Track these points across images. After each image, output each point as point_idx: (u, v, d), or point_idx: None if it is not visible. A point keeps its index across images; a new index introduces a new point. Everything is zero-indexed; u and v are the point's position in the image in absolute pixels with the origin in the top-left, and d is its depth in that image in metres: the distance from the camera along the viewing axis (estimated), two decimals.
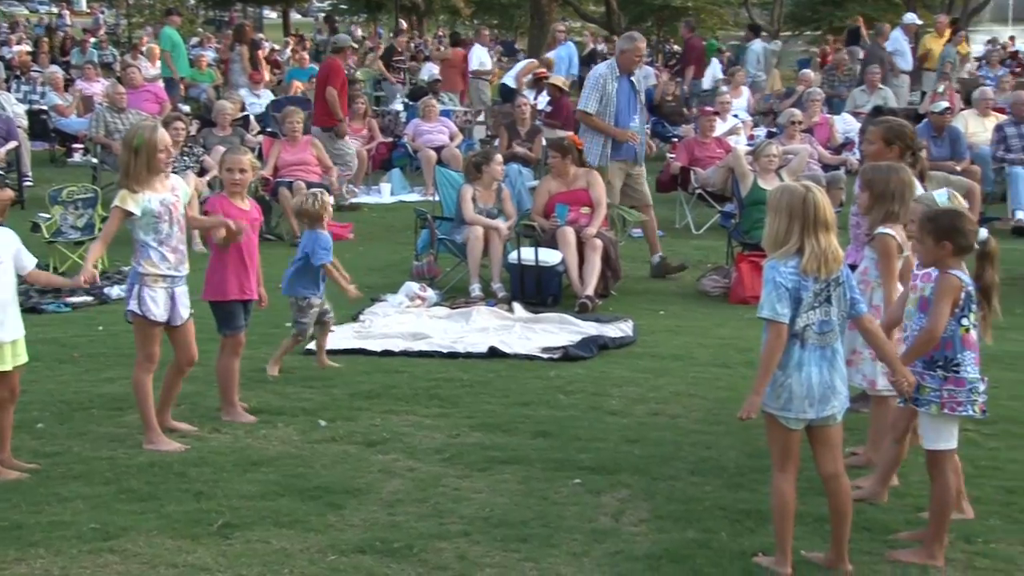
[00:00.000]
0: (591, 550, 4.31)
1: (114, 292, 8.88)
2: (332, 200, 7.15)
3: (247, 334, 6.04)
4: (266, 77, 18.85)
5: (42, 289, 8.37)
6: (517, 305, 8.41)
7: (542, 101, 15.97)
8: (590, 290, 8.59)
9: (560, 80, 15.67)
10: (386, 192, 14.58)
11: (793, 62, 29.83)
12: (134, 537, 4.38)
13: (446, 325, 7.96)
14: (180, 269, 5.46)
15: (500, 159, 9.61)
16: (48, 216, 10.02)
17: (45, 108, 16.88)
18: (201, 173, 11.37)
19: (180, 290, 5.48)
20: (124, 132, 12.55)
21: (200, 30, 34.17)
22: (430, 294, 8.71)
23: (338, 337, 7.41)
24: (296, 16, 46.82)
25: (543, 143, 13.08)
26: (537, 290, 8.75)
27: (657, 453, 5.36)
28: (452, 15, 44.69)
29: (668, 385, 6.51)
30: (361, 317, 8.10)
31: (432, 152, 14.39)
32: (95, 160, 13.26)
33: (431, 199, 12.85)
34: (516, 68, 18.89)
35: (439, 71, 19.89)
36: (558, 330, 7.78)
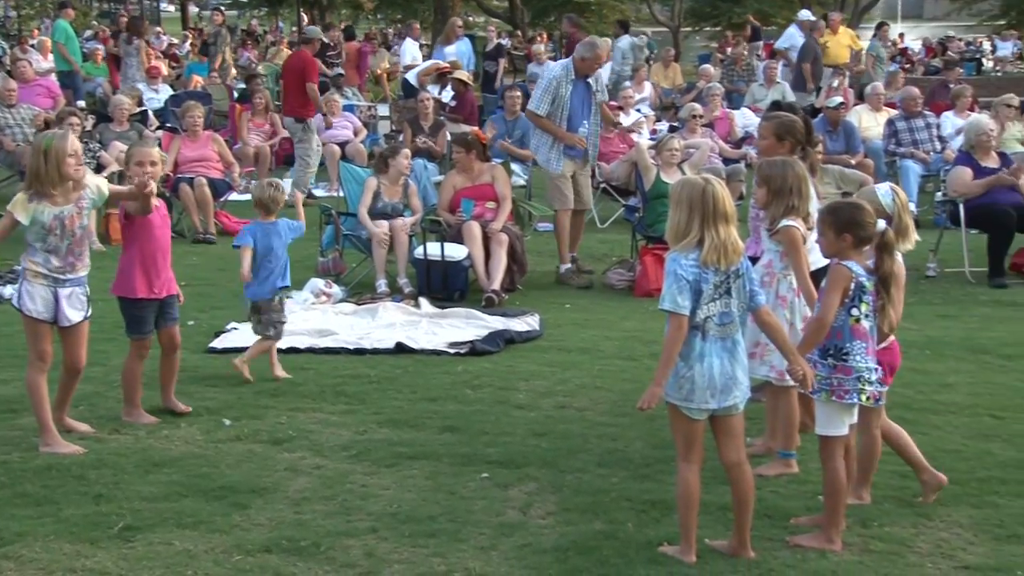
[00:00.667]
0: (499, 544, 4.33)
1: (7, 291, 8.62)
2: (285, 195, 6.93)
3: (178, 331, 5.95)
4: (164, 71, 18.48)
5: None
6: (424, 300, 8.39)
7: (447, 95, 15.95)
8: (496, 284, 8.61)
9: (465, 75, 15.67)
10: (289, 188, 14.39)
11: (694, 57, 30.32)
12: (30, 543, 4.27)
13: (352, 321, 7.91)
14: (67, 273, 5.30)
15: (407, 153, 9.58)
16: None
17: None
18: (98, 170, 11.10)
19: (67, 292, 5.32)
20: (14, 128, 12.45)
21: (95, 23, 33.31)
22: (336, 290, 8.64)
23: (242, 335, 7.31)
24: (195, 9, 45.95)
25: (447, 138, 13.07)
26: (443, 285, 8.74)
27: (564, 446, 5.40)
28: (355, 9, 44.31)
29: (575, 378, 6.56)
30: None
31: (336, 147, 14.28)
32: None
33: (336, 195, 12.75)
34: (419, 67, 18.83)
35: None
36: (465, 325, 7.79)
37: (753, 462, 4.56)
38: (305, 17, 31.86)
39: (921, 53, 27.49)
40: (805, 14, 19.70)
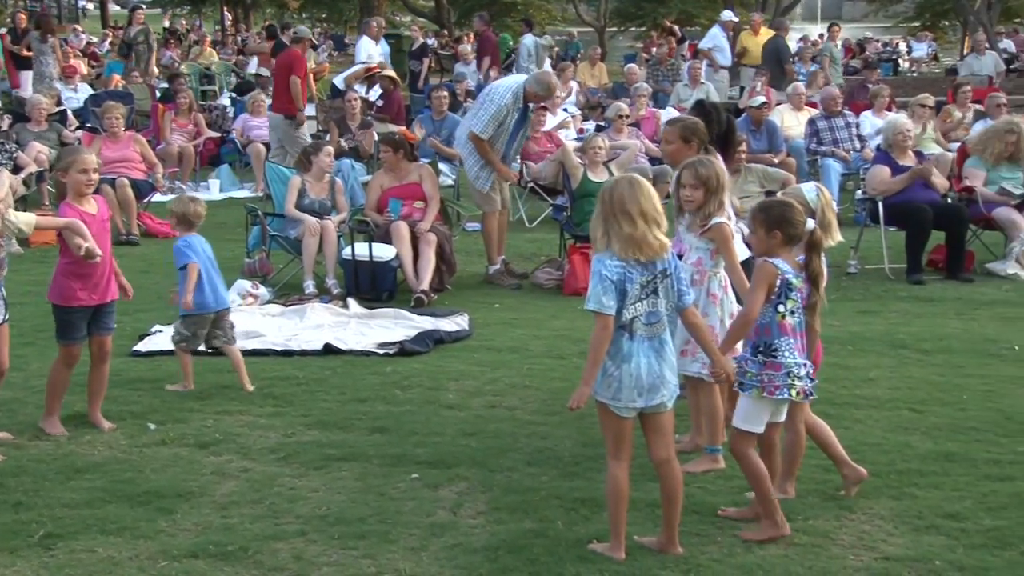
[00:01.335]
0: (429, 544, 4.32)
1: None
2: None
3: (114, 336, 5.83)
4: (83, 70, 18.12)
5: None
6: (352, 301, 8.34)
7: (374, 94, 15.87)
8: (425, 284, 8.59)
9: (393, 72, 15.60)
10: (215, 189, 14.23)
11: (620, 57, 30.55)
12: None
13: (280, 323, 7.84)
14: None
15: (330, 151, 9.54)
16: None
17: None
18: (15, 171, 10.87)
19: None
20: None
21: (9, 20, 32.56)
22: (262, 292, 8.56)
23: (166, 338, 7.20)
24: (115, 7, 45.16)
25: (375, 137, 13.02)
26: (372, 286, 8.70)
27: (494, 445, 5.41)
28: (279, 8, 43.91)
29: (504, 377, 6.57)
30: None
31: (262, 147, 14.13)
32: None
33: (261, 195, 12.62)
34: (347, 71, 18.71)
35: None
36: (394, 325, 7.76)
37: (681, 459, 4.61)
38: (229, 16, 31.45)
39: (840, 54, 27.93)
40: (727, 14, 19.99)
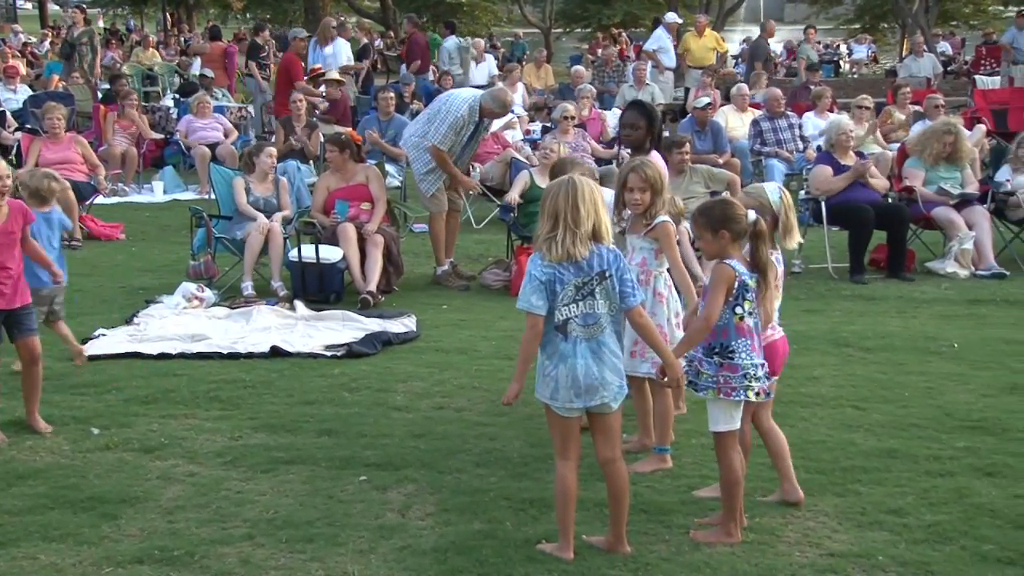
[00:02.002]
0: (378, 546, 4.31)
1: None
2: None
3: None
4: (22, 71, 17.83)
5: None
6: (299, 303, 8.29)
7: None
8: (372, 286, 8.57)
9: (335, 74, 15.51)
10: (159, 191, 14.09)
11: (565, 58, 30.66)
12: None
13: (226, 325, 7.78)
14: None
15: (272, 151, 9.51)
16: None
17: None
18: None
19: None
20: None
21: None
22: (208, 294, 8.48)
23: (111, 341, 7.13)
24: (54, 7, 44.45)
25: (320, 139, 12.95)
26: (319, 287, 8.66)
27: (443, 447, 5.41)
28: (223, 9, 43.51)
29: (452, 379, 6.57)
30: (135, 320, 7.80)
31: (206, 149, 14.01)
32: None
33: (206, 197, 12.51)
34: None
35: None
36: (341, 327, 7.73)
37: (629, 459, 4.64)
38: (169, 17, 31.12)
39: (783, 55, 28.26)
40: (671, 16, 20.13)
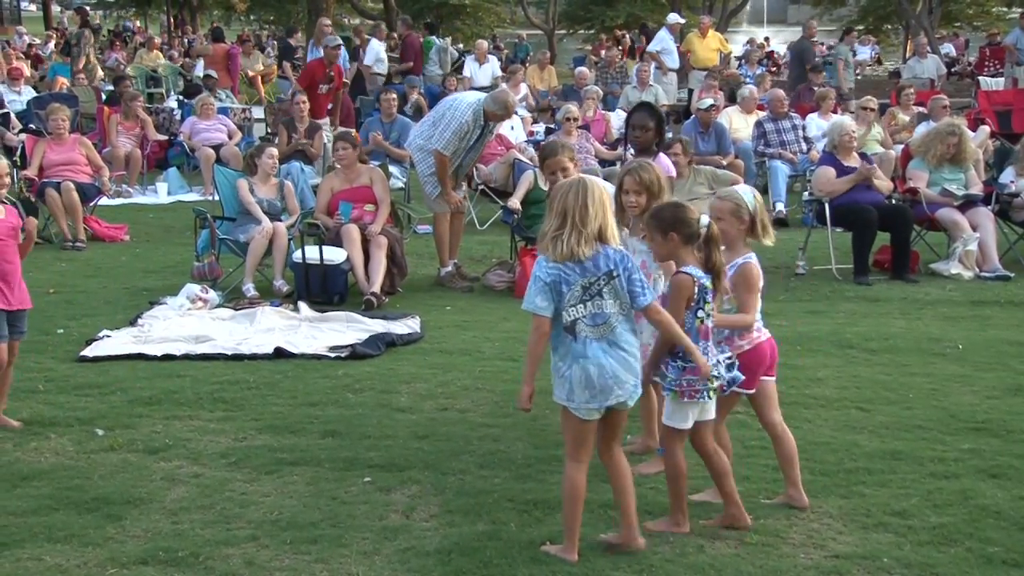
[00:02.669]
0: (382, 548, 4.31)
1: None
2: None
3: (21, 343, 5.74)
4: (26, 72, 17.86)
5: None
6: (303, 304, 8.30)
7: None
8: (376, 287, 8.57)
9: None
10: (163, 192, 14.12)
11: (569, 60, 30.67)
12: None
13: (230, 327, 7.79)
14: None
15: (273, 152, 9.54)
16: None
17: None
18: None
19: None
20: None
21: None
22: (212, 296, 8.48)
23: (115, 342, 7.14)
24: (58, 9, 44.56)
25: (324, 140, 12.97)
26: (323, 289, 8.66)
27: (446, 448, 5.41)
28: (227, 11, 43.56)
29: (456, 380, 6.57)
30: (140, 321, 7.81)
31: (210, 150, 14.03)
32: None
33: (210, 199, 12.52)
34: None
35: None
36: (345, 328, 7.73)
37: (633, 460, 4.63)
38: (172, 19, 31.17)
39: (787, 56, 28.22)
40: (674, 17, 20.14)
